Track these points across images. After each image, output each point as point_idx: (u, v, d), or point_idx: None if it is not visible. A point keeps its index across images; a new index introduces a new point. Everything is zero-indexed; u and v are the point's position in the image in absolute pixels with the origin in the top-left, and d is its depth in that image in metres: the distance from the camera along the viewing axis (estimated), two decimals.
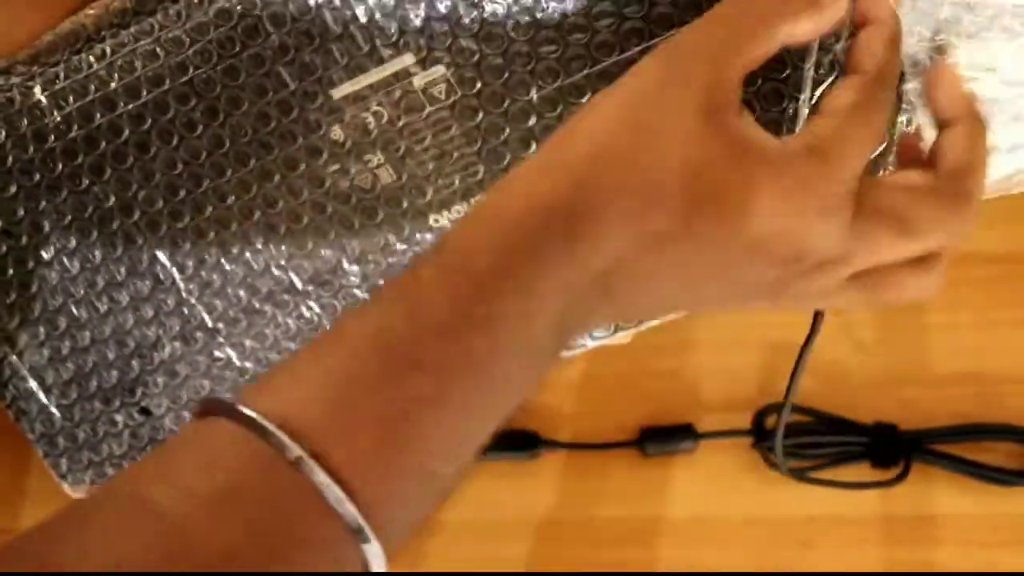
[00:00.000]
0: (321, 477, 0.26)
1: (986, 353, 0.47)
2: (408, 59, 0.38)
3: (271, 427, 0.27)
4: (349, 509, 0.26)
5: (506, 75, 0.38)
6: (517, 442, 0.50)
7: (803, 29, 0.30)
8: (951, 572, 0.46)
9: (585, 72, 0.37)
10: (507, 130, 0.39)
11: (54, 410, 0.46)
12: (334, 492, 0.26)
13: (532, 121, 0.38)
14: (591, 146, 0.30)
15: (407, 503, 0.28)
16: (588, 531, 0.49)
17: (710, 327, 0.50)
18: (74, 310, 0.44)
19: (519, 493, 0.50)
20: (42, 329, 0.44)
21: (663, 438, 0.49)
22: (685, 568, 0.48)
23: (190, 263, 0.43)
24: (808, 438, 0.46)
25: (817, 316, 0.36)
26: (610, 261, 0.29)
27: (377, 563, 0.27)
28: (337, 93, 0.39)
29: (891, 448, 0.46)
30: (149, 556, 0.25)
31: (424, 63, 0.38)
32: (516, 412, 0.49)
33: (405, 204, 0.41)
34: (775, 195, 0.29)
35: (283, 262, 0.42)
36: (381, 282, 0.42)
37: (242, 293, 0.43)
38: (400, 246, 0.41)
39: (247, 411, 0.27)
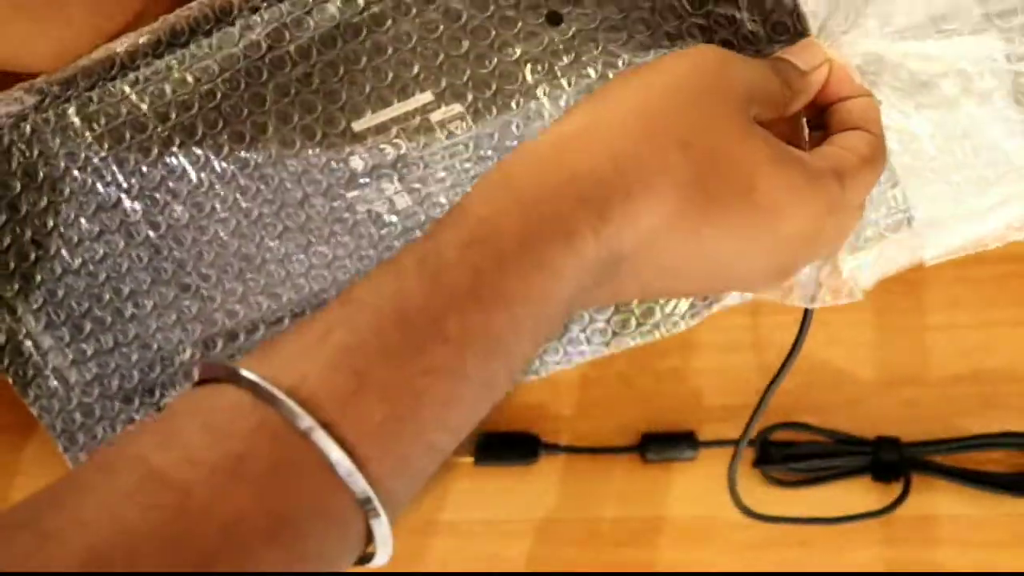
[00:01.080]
0: (331, 448, 0.26)
1: (986, 353, 0.49)
2: (427, 96, 0.41)
3: (280, 394, 0.26)
4: (358, 481, 0.27)
5: (520, 102, 0.41)
6: (518, 446, 0.52)
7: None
8: (951, 572, 0.48)
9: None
10: None
11: (75, 407, 0.49)
12: (344, 464, 0.26)
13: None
14: (634, 120, 0.31)
15: (412, 475, 0.29)
16: (588, 531, 0.51)
17: (712, 328, 0.50)
18: (99, 314, 0.47)
19: (519, 494, 0.52)
20: (67, 332, 0.48)
21: (664, 445, 0.51)
22: (685, 568, 0.50)
23: (213, 273, 0.46)
24: (810, 461, 0.49)
25: (799, 337, 0.40)
26: (635, 242, 0.30)
27: (382, 535, 0.28)
28: (358, 125, 0.42)
29: (893, 465, 0.48)
30: (153, 523, 0.25)
31: (442, 99, 0.41)
32: (515, 415, 0.53)
33: (422, 219, 0.44)
34: (810, 208, 0.32)
35: (303, 271, 0.46)
36: None
37: (263, 300, 0.47)
38: None
39: (253, 376, 0.27)
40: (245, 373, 0.27)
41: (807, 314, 0.39)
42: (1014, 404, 0.48)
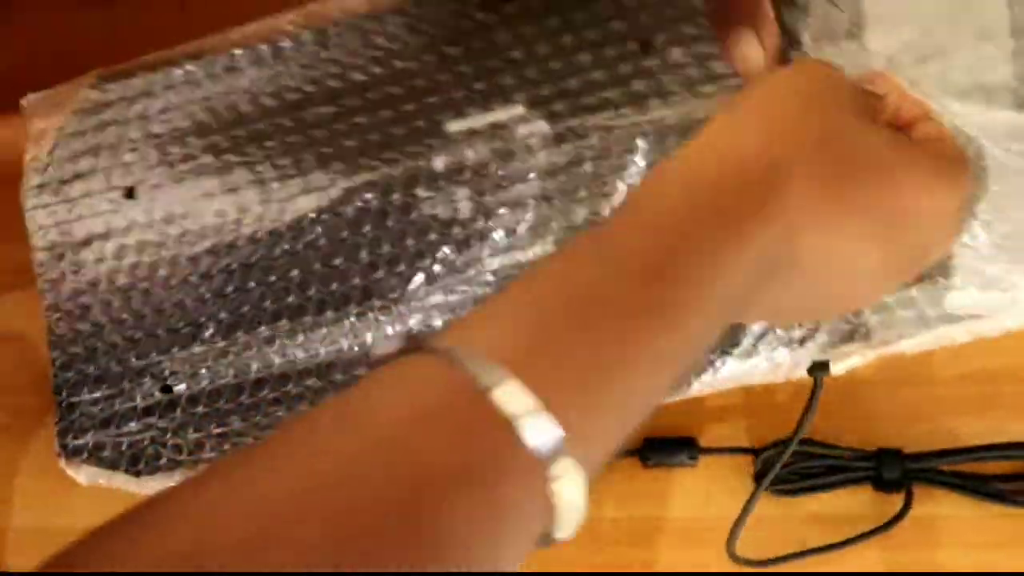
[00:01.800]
0: (520, 401, 0.27)
1: (986, 353, 0.48)
2: (518, 109, 0.43)
3: (469, 356, 0.28)
4: (548, 438, 0.27)
5: (594, 136, 0.43)
6: None
7: None
8: (951, 572, 0.49)
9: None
10: (583, 191, 0.44)
11: (91, 374, 0.48)
12: (534, 419, 0.27)
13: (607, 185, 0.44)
14: (777, 123, 0.34)
15: (601, 443, 0.30)
16: (588, 531, 0.49)
17: None
18: (140, 271, 0.48)
19: None
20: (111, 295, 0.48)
21: (664, 450, 0.51)
22: (685, 568, 0.51)
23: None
24: (813, 480, 0.50)
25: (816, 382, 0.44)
26: (791, 235, 0.33)
27: (570, 497, 0.29)
28: (451, 127, 0.44)
29: (894, 478, 0.49)
30: (351, 473, 0.26)
31: (531, 115, 0.43)
32: None
33: (473, 229, 0.45)
34: (941, 181, 0.36)
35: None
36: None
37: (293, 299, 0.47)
38: (472, 272, 0.46)
39: (443, 344, 0.28)
40: (436, 343, 0.29)
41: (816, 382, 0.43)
42: (1015, 404, 0.49)
